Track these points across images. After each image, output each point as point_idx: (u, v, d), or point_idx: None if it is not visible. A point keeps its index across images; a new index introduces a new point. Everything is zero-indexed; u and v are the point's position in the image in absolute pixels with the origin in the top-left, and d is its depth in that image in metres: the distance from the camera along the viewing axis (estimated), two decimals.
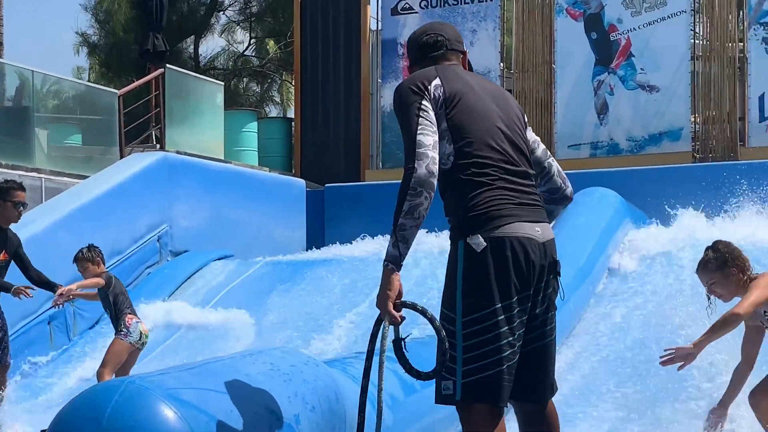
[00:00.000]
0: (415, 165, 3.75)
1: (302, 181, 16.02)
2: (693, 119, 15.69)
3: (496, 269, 3.77)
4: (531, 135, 4.25)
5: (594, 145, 15.92)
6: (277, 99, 32.51)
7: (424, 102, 3.88)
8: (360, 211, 15.27)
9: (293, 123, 18.90)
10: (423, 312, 3.88)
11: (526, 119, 4.24)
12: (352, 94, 17.66)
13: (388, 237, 11.46)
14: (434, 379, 3.86)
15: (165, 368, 5.16)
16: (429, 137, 3.81)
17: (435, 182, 3.78)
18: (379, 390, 3.87)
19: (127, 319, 8.38)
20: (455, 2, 17.09)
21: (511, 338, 3.78)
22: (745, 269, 5.77)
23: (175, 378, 4.07)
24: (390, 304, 3.78)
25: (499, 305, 3.76)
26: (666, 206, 12.70)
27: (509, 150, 3.95)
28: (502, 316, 3.77)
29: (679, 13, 15.69)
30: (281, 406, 4.23)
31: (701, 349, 5.48)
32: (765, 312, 5.82)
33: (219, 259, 13.09)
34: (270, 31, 29.89)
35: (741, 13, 15.82)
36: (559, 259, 4.02)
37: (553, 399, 4.09)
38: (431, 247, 10.92)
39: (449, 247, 3.95)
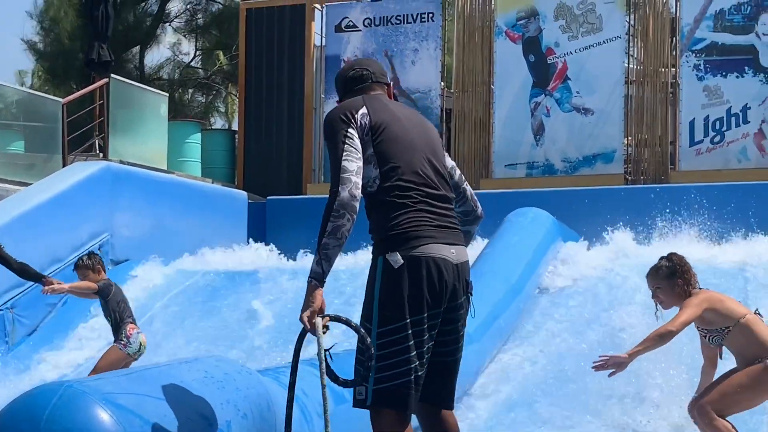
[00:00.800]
0: (339, 189, 4.05)
1: (244, 193, 16.23)
2: (626, 142, 16.12)
3: (410, 286, 4.06)
4: (449, 162, 4.56)
5: (530, 165, 16.30)
6: (222, 110, 32.64)
7: (350, 130, 4.18)
8: (301, 223, 15.45)
9: (237, 135, 19.10)
10: (347, 323, 4.17)
11: (443, 147, 4.57)
12: (296, 108, 17.89)
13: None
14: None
15: (102, 374, 5.39)
16: (353, 163, 4.11)
17: (357, 205, 4.08)
18: (324, 401, 4.09)
19: (128, 329, 8.41)
20: (398, 21, 17.41)
21: (419, 350, 4.07)
22: (690, 283, 6.18)
23: (112, 383, 4.27)
24: (312, 317, 4.06)
25: (411, 320, 4.05)
26: (598, 227, 13.13)
27: (431, 175, 4.26)
28: (412, 330, 4.05)
29: (614, 39, 16.13)
30: (214, 412, 4.42)
31: (633, 359, 5.91)
32: (698, 328, 6.22)
33: (160, 269, 13.25)
34: (216, 44, 30.02)
35: (674, 39, 16.29)
36: (471, 280, 4.33)
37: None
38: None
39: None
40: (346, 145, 4.16)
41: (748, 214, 13.50)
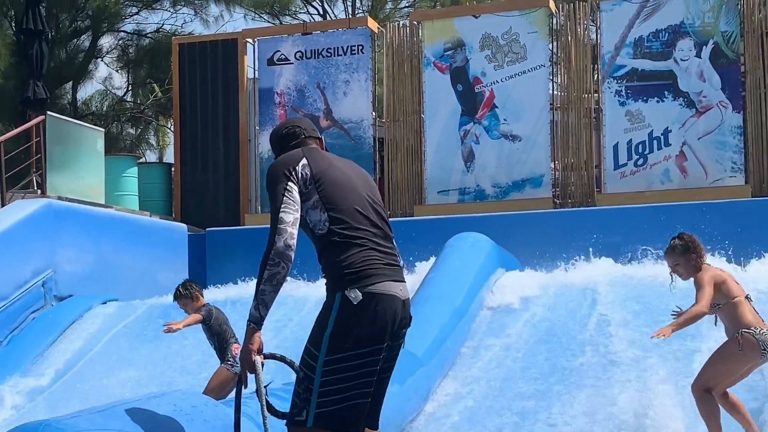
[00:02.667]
0: (276, 239, 4.40)
1: (184, 226, 16.49)
2: (553, 167, 16.66)
3: (365, 320, 4.41)
4: (381, 200, 4.91)
5: (462, 191, 16.78)
6: (154, 143, 32.76)
7: (290, 183, 4.51)
8: (240, 254, 15.74)
9: (173, 168, 19.32)
10: (282, 359, 4.64)
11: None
12: (231, 140, 18.18)
13: None
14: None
15: (77, 411, 5.63)
16: (290, 215, 4.45)
17: (292, 254, 4.42)
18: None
19: (233, 349, 8.70)
20: (328, 54, 17.81)
21: (366, 380, 4.43)
22: (701, 256, 7.22)
23: (87, 420, 4.51)
24: (252, 358, 4.42)
25: (362, 350, 4.40)
26: (529, 250, 13.62)
27: (374, 215, 4.62)
28: (363, 360, 4.41)
29: (538, 67, 16.69)
30: None
31: (672, 333, 6.95)
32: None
33: (104, 303, 13.45)
34: (148, 77, 30.18)
35: (596, 66, 16.90)
36: (411, 314, 4.69)
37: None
38: None
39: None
40: (285, 198, 4.47)
41: (673, 234, 13.99)
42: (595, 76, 16.93)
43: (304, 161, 4.59)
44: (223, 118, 18.33)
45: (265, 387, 4.51)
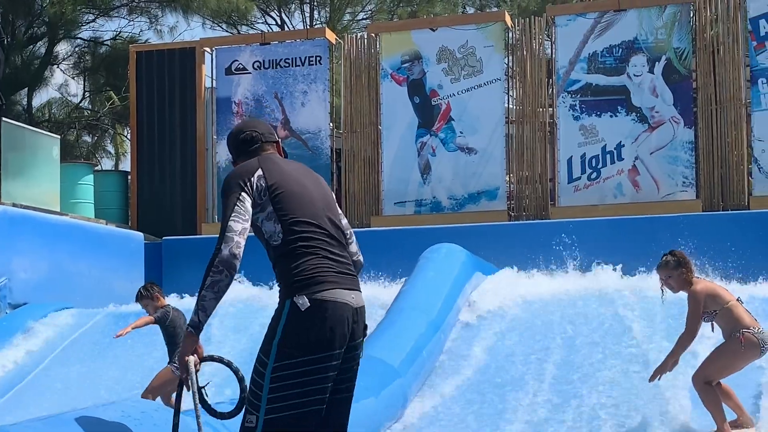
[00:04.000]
0: (222, 247, 4.43)
1: (140, 234, 16.47)
2: (508, 179, 16.85)
3: (313, 327, 4.43)
4: (338, 208, 4.96)
5: (418, 203, 16.92)
6: (110, 150, 32.63)
7: (243, 194, 4.55)
8: (197, 263, 15.63)
9: (129, 176, 19.29)
10: (220, 360, 4.69)
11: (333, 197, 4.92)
12: (188, 149, 18.19)
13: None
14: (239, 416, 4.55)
15: (24, 420, 5.64)
16: (239, 224, 4.48)
17: (236, 263, 4.45)
18: None
19: None
20: (286, 64, 17.90)
21: (318, 386, 4.43)
22: (691, 270, 7.85)
23: (30, 428, 4.51)
24: (189, 361, 4.49)
25: (311, 357, 4.41)
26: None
27: (328, 225, 4.65)
28: (312, 367, 4.41)
29: (494, 81, 16.89)
30: None
31: (675, 362, 7.79)
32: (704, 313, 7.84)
33: (59, 311, 13.41)
34: (105, 85, 30.09)
35: (551, 81, 17.13)
36: (367, 323, 4.73)
37: None
38: None
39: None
40: (236, 207, 4.51)
41: (625, 247, 14.22)
42: (550, 90, 17.14)
43: (259, 172, 4.62)
44: (180, 126, 18.35)
45: (202, 388, 4.56)
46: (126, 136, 30.56)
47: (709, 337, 8.37)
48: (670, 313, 10.83)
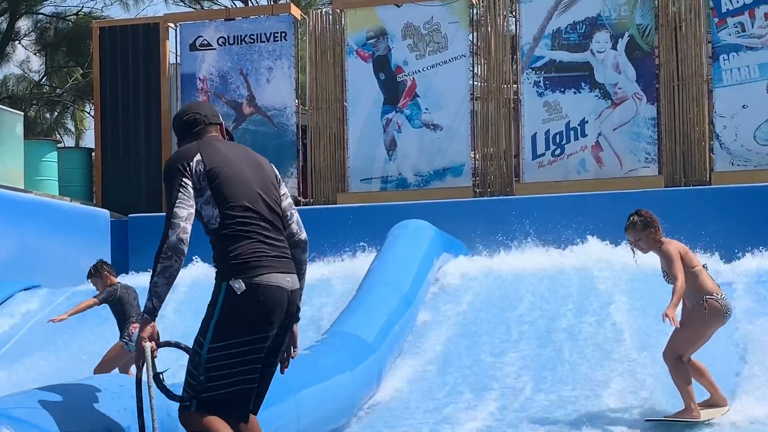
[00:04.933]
0: (169, 234, 4.53)
1: (106, 212, 16.43)
2: (473, 156, 16.95)
3: (248, 309, 4.58)
4: (283, 189, 5.04)
5: (384, 180, 17.00)
6: (70, 127, 32.37)
7: (184, 179, 4.63)
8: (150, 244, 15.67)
9: (93, 153, 19.21)
10: (177, 345, 4.76)
11: (279, 178, 5.02)
12: (153, 125, 18.15)
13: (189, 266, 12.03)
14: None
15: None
16: (184, 210, 4.57)
17: (184, 248, 4.56)
18: (153, 422, 4.58)
19: (131, 328, 8.91)
20: (251, 40, 17.87)
21: (250, 367, 4.62)
22: (659, 229, 7.65)
23: (9, 400, 4.54)
24: (146, 347, 4.56)
25: (245, 338, 4.58)
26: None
27: (264, 210, 4.77)
28: (245, 348, 4.58)
29: (459, 57, 16.96)
30: (112, 418, 4.76)
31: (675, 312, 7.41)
32: (662, 269, 7.70)
33: (26, 290, 13.37)
34: (67, 61, 29.83)
35: (515, 57, 17.21)
36: (300, 305, 4.87)
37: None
38: None
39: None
40: (179, 193, 4.59)
41: (588, 223, 14.35)
42: (514, 66, 17.23)
43: (198, 157, 4.69)
44: (144, 103, 18.30)
45: (161, 373, 4.63)
46: (88, 113, 30.39)
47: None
48: (635, 288, 11.09)
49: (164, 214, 4.64)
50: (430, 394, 8.98)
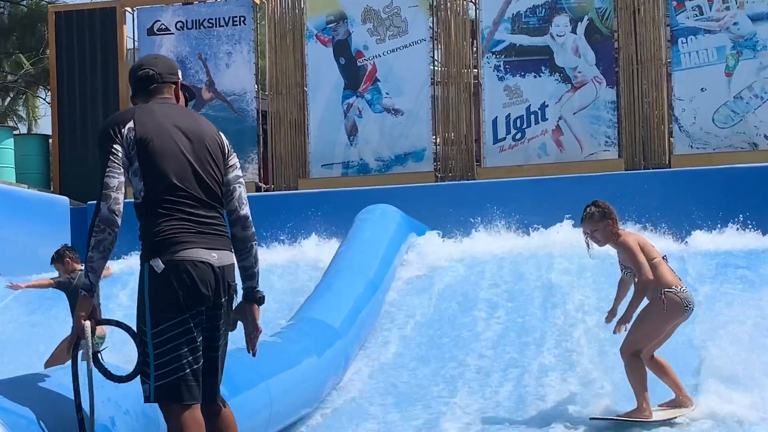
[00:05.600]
0: (101, 206, 4.39)
1: (66, 199, 16.21)
2: (434, 140, 16.94)
3: (172, 288, 4.39)
4: (233, 160, 4.75)
5: (345, 165, 16.94)
6: (23, 114, 31.94)
7: (115, 146, 4.41)
8: (124, 226, 15.47)
9: (50, 140, 18.98)
10: (117, 324, 4.57)
11: (226, 148, 4.71)
12: (111, 111, 17.91)
13: None
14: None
15: None
16: (114, 179, 4.39)
17: (117, 219, 4.40)
18: (91, 399, 4.41)
19: None
20: (210, 25, 17.72)
21: (190, 346, 4.43)
22: (617, 221, 7.34)
23: None
24: (83, 324, 4.40)
25: (178, 319, 4.40)
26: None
27: (194, 185, 4.52)
28: (181, 329, 4.41)
29: (419, 41, 16.94)
30: (96, 409, 4.54)
31: (630, 317, 7.21)
32: (620, 263, 7.47)
33: None
34: (20, 47, 29.40)
35: (474, 42, 17.21)
36: (235, 282, 4.65)
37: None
38: None
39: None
40: (110, 161, 4.40)
41: (550, 205, 14.38)
42: (474, 51, 17.22)
43: (131, 124, 4.45)
44: (102, 89, 18.12)
45: (99, 352, 4.48)
46: (43, 99, 30.03)
47: None
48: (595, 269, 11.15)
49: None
50: (394, 383, 8.97)
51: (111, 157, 4.40)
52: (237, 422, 4.80)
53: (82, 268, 9.26)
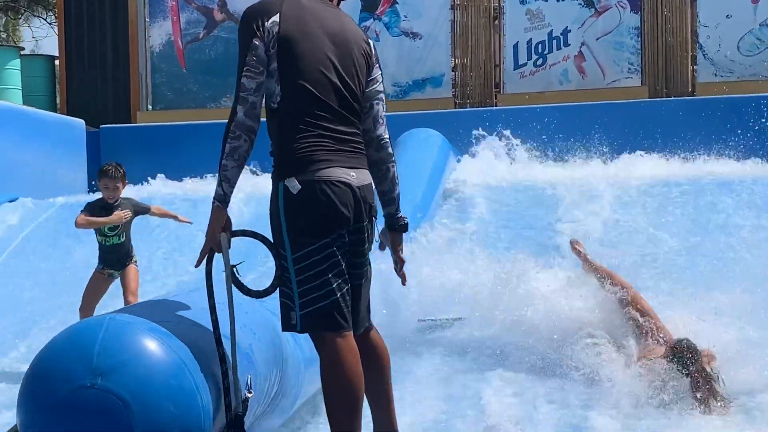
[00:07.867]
0: (237, 109, 4.03)
1: (82, 121, 15.71)
2: (453, 65, 16.62)
3: (310, 211, 4.08)
4: (376, 73, 4.38)
5: None
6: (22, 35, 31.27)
7: (255, 41, 4.04)
8: (136, 153, 15.20)
9: (57, 61, 18.50)
10: (254, 235, 4.26)
11: (372, 58, 4.35)
12: (120, 33, 17.49)
13: (163, 178, 11.76)
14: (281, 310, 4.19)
15: (122, 307, 5.29)
16: (252, 81, 4.04)
17: (255, 125, 4.05)
18: (231, 316, 4.11)
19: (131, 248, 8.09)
20: None
21: (336, 270, 4.12)
22: None
23: (146, 313, 4.11)
24: (217, 236, 4.09)
25: (319, 243, 4.08)
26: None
27: (333, 97, 4.15)
28: (324, 253, 4.09)
29: None
30: (236, 334, 4.25)
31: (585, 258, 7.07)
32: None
33: (10, 202, 12.84)
34: None
35: None
36: (375, 203, 4.34)
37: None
38: None
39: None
40: (248, 59, 4.04)
41: (573, 135, 14.18)
42: None
43: (276, 17, 4.07)
44: (110, 8, 17.60)
45: (234, 266, 4.17)
46: (44, 19, 29.31)
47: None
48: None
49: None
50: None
51: (249, 54, 4.05)
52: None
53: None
